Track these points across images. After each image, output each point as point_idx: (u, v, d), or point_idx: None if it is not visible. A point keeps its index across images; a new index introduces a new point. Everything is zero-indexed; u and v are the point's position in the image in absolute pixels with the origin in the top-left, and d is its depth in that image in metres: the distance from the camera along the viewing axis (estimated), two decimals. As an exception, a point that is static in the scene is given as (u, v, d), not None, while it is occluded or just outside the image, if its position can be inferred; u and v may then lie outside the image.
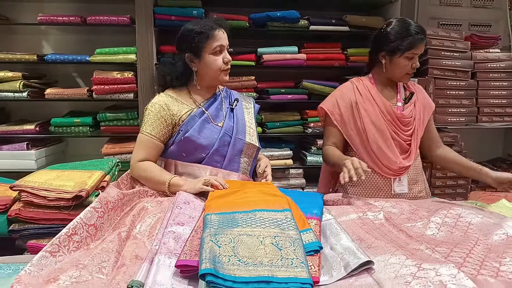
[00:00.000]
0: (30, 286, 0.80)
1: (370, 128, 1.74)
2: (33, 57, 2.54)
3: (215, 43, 1.55)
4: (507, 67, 2.70)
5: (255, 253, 0.86)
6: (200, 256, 0.83)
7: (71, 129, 2.63)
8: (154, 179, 1.50)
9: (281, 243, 0.91)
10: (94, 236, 1.08)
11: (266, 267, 0.82)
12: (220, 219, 1.02)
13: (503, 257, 0.94)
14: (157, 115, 1.56)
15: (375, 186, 1.77)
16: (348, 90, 1.82)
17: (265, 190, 1.31)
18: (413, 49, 1.68)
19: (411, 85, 1.88)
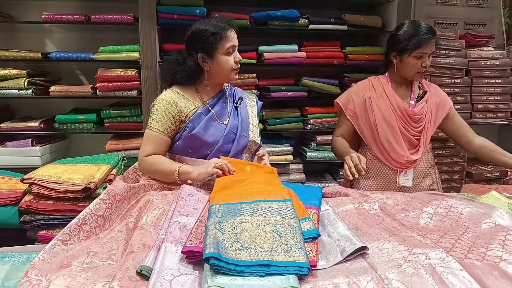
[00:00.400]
0: (44, 271, 0.83)
1: (381, 123, 1.82)
2: (38, 55, 2.57)
3: (228, 43, 1.57)
4: (500, 65, 2.76)
5: (256, 239, 0.92)
6: (205, 242, 0.89)
7: (75, 125, 2.67)
8: (163, 170, 1.52)
9: (281, 230, 0.96)
10: (103, 226, 1.13)
11: (266, 252, 0.87)
12: (224, 209, 1.07)
13: (490, 243, 0.98)
14: (165, 111, 1.58)
15: (383, 177, 1.85)
16: (364, 86, 1.91)
17: (268, 182, 1.37)
18: (421, 48, 1.74)
19: (425, 85, 1.93)
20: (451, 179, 2.81)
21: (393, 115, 1.82)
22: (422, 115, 1.84)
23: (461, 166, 2.81)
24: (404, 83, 1.89)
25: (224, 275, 0.80)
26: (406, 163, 1.82)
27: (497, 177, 2.83)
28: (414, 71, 1.79)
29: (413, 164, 1.83)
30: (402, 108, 1.82)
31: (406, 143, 1.83)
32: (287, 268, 0.83)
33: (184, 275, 0.84)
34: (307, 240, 0.98)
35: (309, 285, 0.81)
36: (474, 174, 2.81)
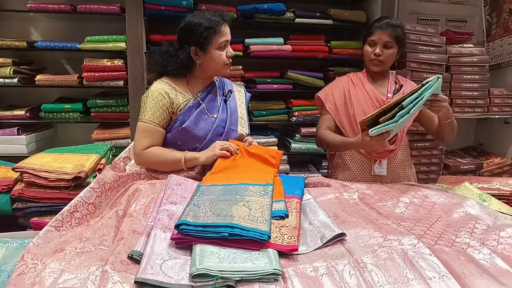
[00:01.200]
0: (39, 256, 0.87)
1: (360, 115, 1.86)
2: (23, 43, 2.55)
3: (222, 38, 1.56)
4: (479, 61, 2.84)
5: (228, 210, 1.01)
6: (181, 215, 0.98)
7: (62, 115, 2.67)
8: (168, 160, 1.54)
9: (252, 206, 1.05)
10: (93, 214, 1.17)
11: (234, 218, 0.96)
12: (209, 190, 1.17)
13: (459, 231, 1.06)
14: (158, 103, 1.56)
15: (359, 167, 1.92)
16: (343, 81, 1.98)
17: (262, 169, 1.45)
18: (371, 36, 1.84)
19: (401, 80, 2.01)
20: (429, 170, 2.91)
21: (371, 107, 1.87)
22: None
23: (439, 158, 2.90)
24: (379, 77, 1.95)
25: (211, 258, 0.85)
26: (384, 153, 1.88)
27: (473, 169, 2.93)
28: (368, 59, 1.88)
29: (391, 153, 1.90)
30: (380, 100, 1.88)
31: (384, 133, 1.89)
32: (249, 233, 0.93)
33: (173, 259, 0.88)
34: (274, 217, 1.07)
35: (290, 268, 0.86)
36: (451, 166, 2.91)
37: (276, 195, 1.21)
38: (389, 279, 0.83)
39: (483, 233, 1.05)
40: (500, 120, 3.12)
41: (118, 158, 1.63)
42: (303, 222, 1.12)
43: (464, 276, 0.84)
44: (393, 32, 1.82)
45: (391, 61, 1.90)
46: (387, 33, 1.82)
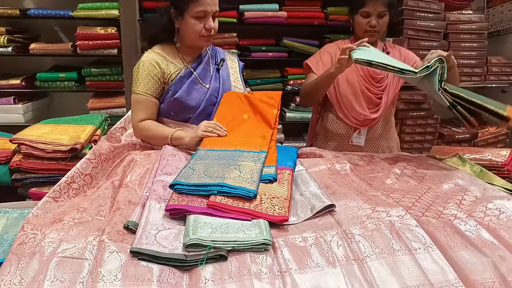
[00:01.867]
0: (38, 226, 0.91)
1: (343, 82, 1.87)
2: (16, 11, 2.51)
3: (198, 7, 1.51)
4: (477, 28, 2.81)
5: (219, 173, 1.08)
6: (176, 176, 1.07)
7: (57, 84, 2.66)
8: (157, 136, 1.55)
9: (243, 169, 1.11)
10: (90, 185, 1.20)
11: (224, 179, 1.03)
12: (206, 154, 1.24)
13: (448, 202, 1.08)
14: (150, 74, 1.56)
15: (338, 135, 1.93)
16: (331, 48, 1.95)
17: (259, 133, 1.49)
18: (364, 7, 1.79)
19: (389, 47, 1.97)
20: (424, 140, 2.94)
21: (355, 75, 1.87)
22: (383, 75, 1.89)
23: (434, 127, 2.92)
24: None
25: (204, 229, 0.88)
26: (365, 121, 1.88)
27: (468, 138, 2.96)
28: (362, 30, 1.84)
29: (372, 122, 1.90)
30: (364, 68, 1.86)
31: (367, 102, 1.89)
32: (236, 190, 1.01)
33: (167, 229, 0.91)
34: (263, 181, 1.12)
35: (281, 239, 0.89)
36: (446, 135, 2.93)
37: (269, 160, 1.25)
38: (375, 250, 0.85)
39: (471, 204, 1.07)
40: (497, 89, 3.12)
41: (114, 128, 1.65)
42: (294, 193, 1.15)
43: (448, 248, 0.87)
44: (384, 1, 1.78)
45: (384, 29, 1.88)
46: (380, 2, 1.77)
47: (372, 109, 1.90)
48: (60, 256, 0.81)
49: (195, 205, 0.98)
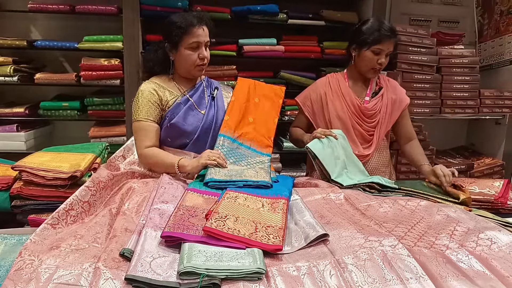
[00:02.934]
0: (36, 252, 0.92)
1: (335, 119, 1.88)
2: (23, 42, 2.59)
3: (192, 39, 1.61)
4: (469, 62, 2.87)
5: (240, 174, 1.44)
6: (206, 176, 1.41)
7: (60, 112, 2.70)
8: (163, 163, 1.57)
9: (257, 170, 1.52)
10: (88, 212, 1.21)
11: (246, 176, 1.40)
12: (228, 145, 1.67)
13: (440, 233, 1.09)
14: (150, 101, 1.63)
15: None
16: (321, 84, 1.95)
17: (266, 117, 1.80)
18: (379, 44, 1.78)
19: (383, 81, 1.98)
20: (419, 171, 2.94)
21: (347, 112, 1.87)
22: (375, 111, 1.89)
23: (430, 158, 2.90)
24: (362, 79, 1.93)
25: (198, 257, 0.89)
26: (358, 157, 1.85)
27: (464, 169, 2.95)
28: (370, 66, 1.84)
29: (365, 158, 1.88)
30: (355, 104, 1.87)
31: (359, 138, 1.88)
32: (258, 183, 1.37)
33: (162, 257, 0.92)
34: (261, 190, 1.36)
35: (274, 268, 0.90)
36: (441, 166, 2.94)
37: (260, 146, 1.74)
38: (367, 280, 0.86)
39: (463, 235, 1.08)
40: (491, 121, 3.16)
41: (113, 157, 1.67)
42: (289, 222, 1.16)
43: (440, 277, 0.87)
44: (396, 39, 1.82)
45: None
46: (393, 42, 1.80)
47: (365, 145, 1.90)
48: (55, 283, 0.82)
49: (190, 233, 0.99)
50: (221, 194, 1.24)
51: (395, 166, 2.80)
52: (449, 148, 3.36)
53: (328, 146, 1.69)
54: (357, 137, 1.89)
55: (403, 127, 2.01)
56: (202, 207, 1.17)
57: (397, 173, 2.81)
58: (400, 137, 2.03)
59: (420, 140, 2.80)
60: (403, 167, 2.84)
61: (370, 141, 1.91)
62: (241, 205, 1.16)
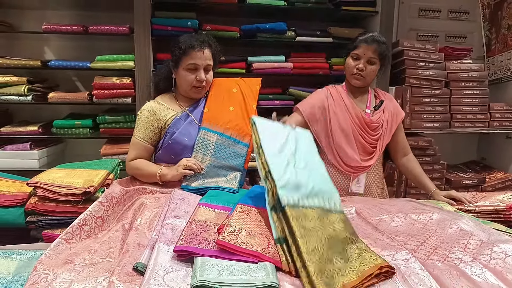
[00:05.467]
0: (50, 266, 0.94)
1: (337, 130, 1.88)
2: (37, 63, 2.64)
3: (189, 60, 1.69)
4: (478, 77, 2.88)
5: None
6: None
7: (72, 130, 2.74)
8: (145, 173, 1.68)
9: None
10: (101, 227, 1.22)
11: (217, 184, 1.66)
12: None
13: (453, 246, 1.09)
14: (145, 120, 1.72)
15: (336, 184, 1.90)
16: (322, 94, 1.97)
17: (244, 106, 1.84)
18: (356, 50, 1.85)
19: (381, 94, 2.01)
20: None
21: (350, 123, 1.88)
22: (379, 124, 1.91)
23: (440, 173, 2.91)
24: (359, 91, 1.96)
25: (211, 271, 0.90)
26: (358, 168, 1.88)
27: (475, 184, 2.93)
28: (350, 72, 1.89)
29: (365, 169, 1.90)
30: (360, 116, 1.89)
31: (360, 150, 1.90)
32: (225, 189, 1.63)
33: (175, 271, 0.93)
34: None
35: (287, 282, 0.91)
36: (453, 181, 2.91)
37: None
38: None
39: (476, 248, 1.08)
40: (501, 135, 3.15)
41: (126, 179, 1.73)
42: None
43: None
44: (377, 48, 1.83)
45: (372, 77, 1.91)
46: (372, 48, 1.83)
47: (366, 157, 1.91)
48: (70, 296, 0.83)
49: (203, 247, 1.00)
50: (233, 208, 1.25)
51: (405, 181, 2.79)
52: (459, 162, 3.34)
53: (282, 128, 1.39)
54: (358, 149, 1.90)
55: (398, 140, 2.03)
56: (214, 221, 1.18)
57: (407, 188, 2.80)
58: (396, 150, 2.05)
59: (431, 154, 2.83)
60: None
61: (372, 153, 1.92)
62: (253, 220, 1.16)
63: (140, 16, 2.58)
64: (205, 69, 1.73)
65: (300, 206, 1.07)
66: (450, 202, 1.69)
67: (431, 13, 3.24)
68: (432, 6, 3.24)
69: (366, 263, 0.95)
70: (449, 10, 3.27)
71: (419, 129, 2.82)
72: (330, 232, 1.04)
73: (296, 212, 1.04)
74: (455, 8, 3.28)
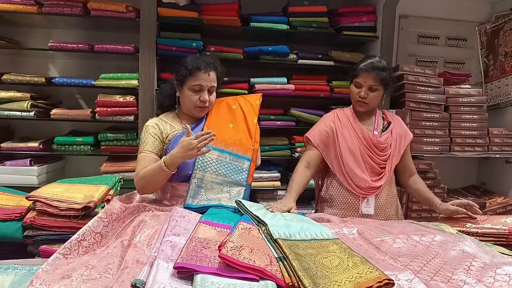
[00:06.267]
0: (47, 281, 0.92)
1: (346, 152, 1.89)
2: (42, 79, 2.66)
3: (194, 81, 1.72)
4: (476, 101, 2.92)
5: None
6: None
7: (73, 147, 2.74)
8: (153, 174, 1.61)
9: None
10: (100, 243, 1.21)
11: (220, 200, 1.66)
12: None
13: (456, 268, 1.08)
14: (151, 134, 1.73)
15: (346, 205, 1.91)
16: (330, 118, 1.99)
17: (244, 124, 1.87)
18: (357, 78, 1.88)
19: (389, 116, 2.04)
20: (432, 209, 2.90)
21: (358, 144, 1.90)
22: (387, 145, 1.92)
23: (441, 196, 2.89)
24: (366, 114, 1.98)
25: None
26: (369, 189, 1.88)
27: (476, 208, 2.93)
28: (354, 99, 1.92)
29: (376, 190, 1.89)
30: (367, 138, 1.90)
31: (369, 171, 1.90)
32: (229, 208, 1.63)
33: (174, 288, 0.91)
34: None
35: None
36: (454, 204, 2.91)
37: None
38: None
39: (479, 270, 1.07)
40: (501, 160, 3.16)
41: (124, 195, 1.74)
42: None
43: None
44: (377, 75, 1.84)
45: (377, 102, 1.93)
46: (371, 77, 1.84)
47: (375, 178, 1.91)
48: (68, 311, 0.82)
49: (203, 264, 0.99)
50: (234, 226, 1.24)
51: (406, 204, 2.78)
52: (459, 187, 3.33)
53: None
54: (367, 170, 1.90)
55: (406, 161, 2.05)
56: (214, 239, 1.17)
57: (409, 211, 2.78)
58: (403, 171, 2.07)
59: (431, 178, 2.83)
60: (414, 205, 2.81)
61: (381, 173, 1.92)
62: (256, 238, 1.15)
63: (146, 36, 2.62)
64: (209, 90, 1.76)
65: (291, 239, 1.16)
66: (459, 210, 1.76)
67: (430, 40, 3.31)
68: (431, 33, 3.31)
69: (363, 275, 0.95)
70: (447, 37, 3.35)
71: (419, 152, 2.83)
72: (324, 254, 1.09)
73: (288, 244, 1.11)
74: (453, 35, 3.35)
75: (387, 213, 1.95)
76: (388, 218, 1.94)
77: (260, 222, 1.29)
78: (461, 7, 3.30)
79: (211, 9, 2.75)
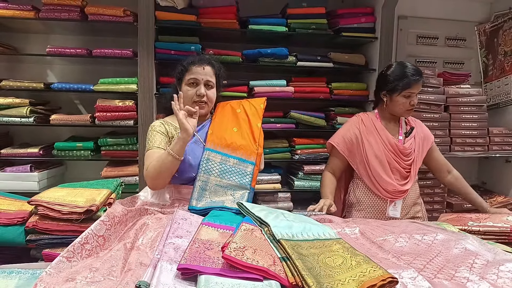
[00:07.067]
0: (51, 284, 0.92)
1: (372, 158, 1.93)
2: (40, 85, 2.66)
3: (189, 75, 1.75)
4: (476, 101, 2.92)
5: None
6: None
7: (73, 152, 2.74)
8: (162, 165, 1.59)
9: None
10: (103, 246, 1.21)
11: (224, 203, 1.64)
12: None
13: (459, 266, 1.08)
14: (158, 131, 1.75)
15: (373, 208, 1.96)
16: (354, 124, 2.02)
17: (248, 128, 1.84)
18: (409, 89, 1.89)
19: (411, 120, 2.07)
20: (432, 209, 2.91)
21: (384, 150, 1.93)
22: (411, 150, 1.96)
23: (441, 197, 2.91)
24: (393, 119, 2.02)
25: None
26: (396, 192, 1.92)
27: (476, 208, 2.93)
28: (404, 108, 1.93)
29: (404, 194, 1.93)
30: (393, 144, 1.94)
31: (397, 175, 1.94)
32: (232, 209, 1.60)
33: (178, 289, 0.91)
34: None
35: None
36: (455, 204, 2.91)
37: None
38: None
39: (482, 268, 1.07)
40: (501, 159, 3.16)
41: (126, 199, 1.71)
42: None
43: None
44: (423, 79, 1.93)
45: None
46: (421, 82, 1.91)
47: (402, 182, 1.94)
48: (72, 314, 0.81)
49: (207, 265, 0.99)
50: (236, 227, 1.24)
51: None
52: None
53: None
54: (394, 174, 1.94)
55: (437, 160, 2.10)
56: (217, 240, 1.17)
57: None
58: (438, 170, 2.11)
59: (431, 178, 2.83)
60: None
61: (407, 177, 1.96)
62: (258, 238, 1.15)
63: (144, 40, 2.62)
64: (205, 84, 1.76)
65: (294, 239, 1.15)
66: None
67: (429, 40, 3.32)
68: (430, 33, 3.33)
69: (366, 273, 0.95)
70: (446, 37, 3.36)
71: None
72: (327, 254, 1.09)
73: (291, 244, 1.10)
74: (452, 35, 3.37)
75: (411, 212, 2.00)
76: (415, 214, 1.99)
77: (262, 223, 1.28)
78: (460, 7, 3.32)
79: (209, 12, 2.76)
